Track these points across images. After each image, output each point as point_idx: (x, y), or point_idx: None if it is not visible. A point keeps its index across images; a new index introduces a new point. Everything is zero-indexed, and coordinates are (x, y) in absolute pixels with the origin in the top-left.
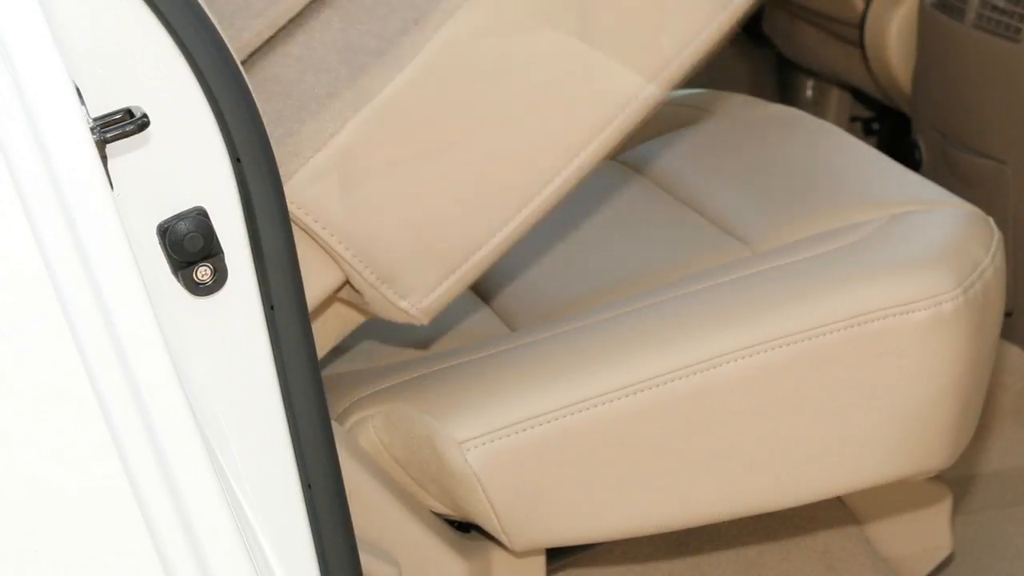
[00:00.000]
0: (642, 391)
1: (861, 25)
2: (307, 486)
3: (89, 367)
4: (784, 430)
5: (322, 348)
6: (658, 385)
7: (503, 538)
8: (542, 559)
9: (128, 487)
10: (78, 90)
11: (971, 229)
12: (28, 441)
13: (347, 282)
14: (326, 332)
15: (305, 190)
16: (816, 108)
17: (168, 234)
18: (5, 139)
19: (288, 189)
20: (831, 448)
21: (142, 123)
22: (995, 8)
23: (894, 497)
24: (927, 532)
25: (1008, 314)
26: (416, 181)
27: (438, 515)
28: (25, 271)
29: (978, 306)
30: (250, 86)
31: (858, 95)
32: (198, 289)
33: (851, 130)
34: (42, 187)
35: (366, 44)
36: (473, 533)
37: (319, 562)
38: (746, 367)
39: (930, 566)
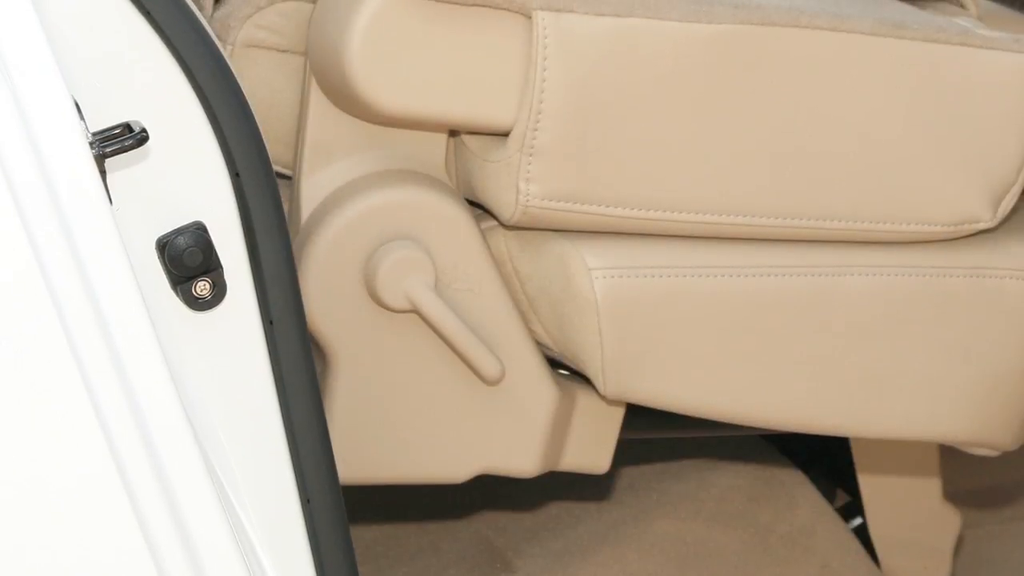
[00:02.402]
0: (771, 275)
1: None
2: (306, 501)
3: (88, 382)
4: (886, 357)
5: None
6: (787, 275)
7: (599, 378)
8: (620, 418)
9: (127, 501)
10: (77, 105)
11: None
12: (26, 455)
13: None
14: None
15: None
16: None
17: (167, 249)
18: (4, 153)
19: None
20: (921, 388)
21: (141, 138)
22: None
23: (904, 514)
24: (930, 555)
25: None
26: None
27: None
28: (24, 286)
29: None
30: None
31: None
32: (197, 304)
33: None
34: (41, 201)
35: None
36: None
37: None
38: (869, 284)
39: None
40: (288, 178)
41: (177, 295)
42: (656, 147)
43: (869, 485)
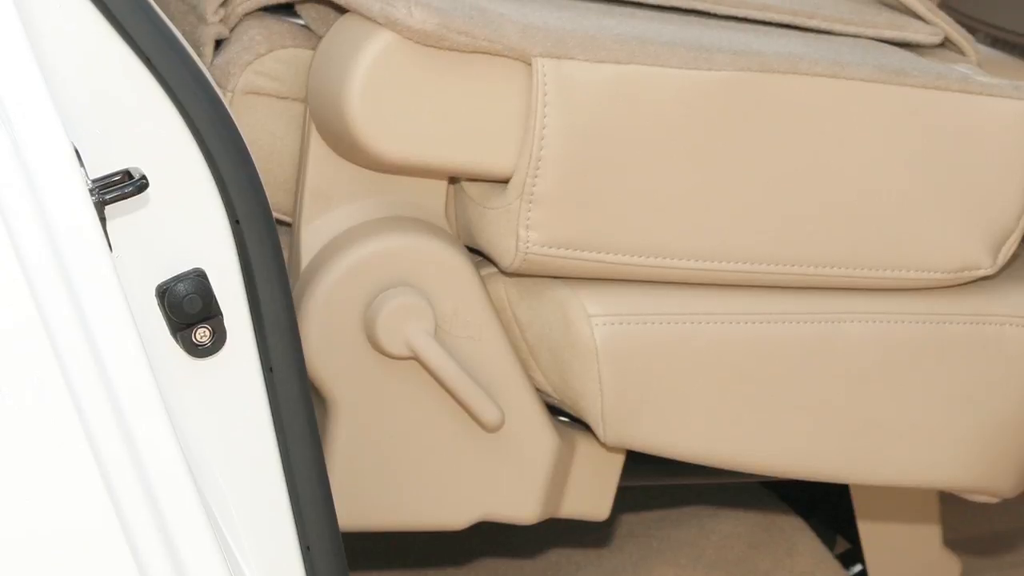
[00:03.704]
0: (772, 323)
1: None
2: (306, 548)
3: (88, 429)
4: (886, 404)
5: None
6: (787, 322)
7: (599, 426)
8: (620, 465)
9: (127, 549)
10: (77, 152)
11: None
12: (26, 505)
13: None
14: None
15: None
16: None
17: (167, 296)
18: (4, 200)
19: None
20: (921, 435)
21: (141, 184)
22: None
23: (904, 561)
24: None
25: None
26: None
27: None
28: (24, 333)
29: None
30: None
31: None
32: (197, 351)
33: None
34: (41, 248)
35: None
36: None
37: None
38: (869, 331)
39: None
40: (288, 225)
41: (177, 342)
42: (656, 194)
43: (869, 532)
